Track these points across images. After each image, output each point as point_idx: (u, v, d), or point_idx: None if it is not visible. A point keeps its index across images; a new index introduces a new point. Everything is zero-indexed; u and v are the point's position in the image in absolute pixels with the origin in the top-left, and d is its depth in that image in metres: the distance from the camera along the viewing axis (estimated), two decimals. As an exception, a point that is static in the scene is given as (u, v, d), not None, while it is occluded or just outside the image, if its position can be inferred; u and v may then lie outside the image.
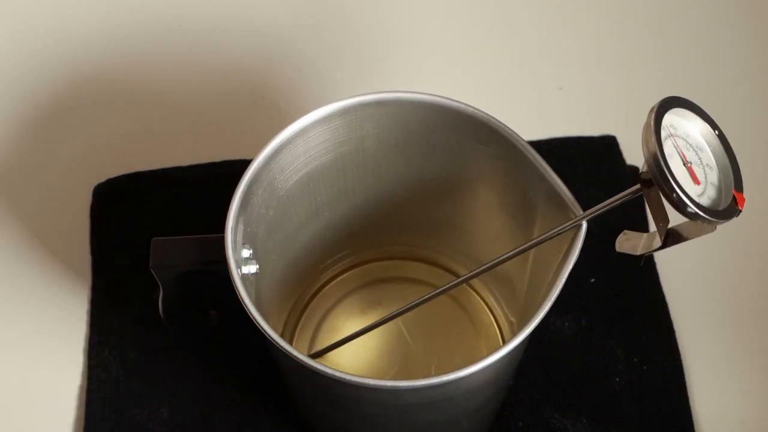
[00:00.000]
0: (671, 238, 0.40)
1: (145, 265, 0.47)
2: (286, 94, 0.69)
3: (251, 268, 0.45)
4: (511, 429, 0.55)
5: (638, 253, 0.41)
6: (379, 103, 0.46)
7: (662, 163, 0.37)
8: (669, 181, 0.37)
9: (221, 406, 0.56)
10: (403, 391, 0.41)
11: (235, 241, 0.42)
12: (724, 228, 0.63)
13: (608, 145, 0.66)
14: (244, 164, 0.44)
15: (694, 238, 0.39)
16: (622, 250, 0.42)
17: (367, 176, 0.51)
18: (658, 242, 0.40)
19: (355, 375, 0.40)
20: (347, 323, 0.57)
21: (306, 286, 0.58)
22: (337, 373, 0.39)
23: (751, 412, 0.58)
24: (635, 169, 0.65)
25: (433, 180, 0.52)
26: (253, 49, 0.70)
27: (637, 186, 0.39)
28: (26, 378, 0.58)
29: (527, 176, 0.45)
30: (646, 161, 0.37)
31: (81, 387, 0.57)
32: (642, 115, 0.38)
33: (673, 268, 0.62)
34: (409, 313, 0.48)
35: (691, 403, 0.57)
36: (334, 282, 0.59)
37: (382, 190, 0.53)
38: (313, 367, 0.40)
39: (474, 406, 0.49)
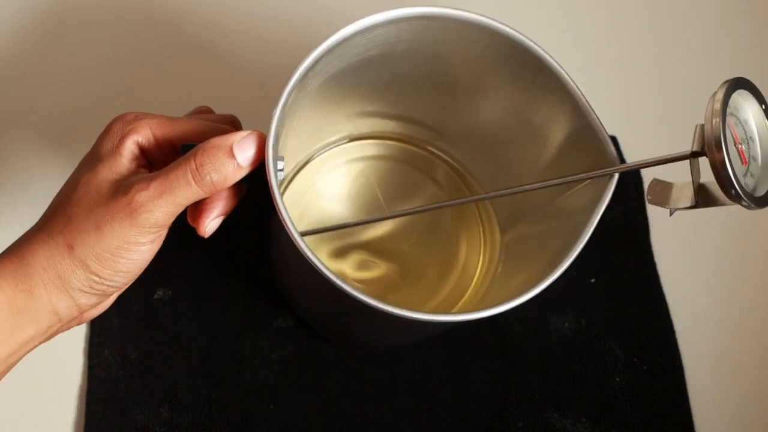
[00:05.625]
0: (702, 200, 0.40)
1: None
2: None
3: (280, 175, 0.45)
4: (511, 429, 0.56)
5: (667, 208, 0.42)
6: (423, 17, 0.47)
7: (723, 141, 0.37)
8: (725, 162, 0.37)
9: (221, 406, 0.56)
10: (428, 322, 0.41)
11: (275, 158, 0.42)
12: (725, 228, 0.64)
13: (608, 145, 0.66)
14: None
15: (723, 205, 0.40)
16: (653, 203, 0.43)
17: (390, 73, 0.51)
18: (687, 201, 0.41)
19: (383, 302, 0.40)
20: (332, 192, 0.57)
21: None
22: (366, 298, 0.40)
23: (751, 412, 0.58)
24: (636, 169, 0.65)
25: (469, 89, 0.52)
26: (253, 48, 0.70)
27: (687, 152, 0.40)
28: (26, 378, 0.58)
29: (571, 114, 0.47)
30: (707, 137, 0.38)
31: (81, 387, 0.57)
32: (642, 116, 0.38)
33: (674, 268, 0.62)
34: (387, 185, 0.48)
35: (691, 403, 0.57)
36: (325, 153, 0.58)
37: (406, 88, 0.53)
38: (339, 285, 0.40)
39: None
